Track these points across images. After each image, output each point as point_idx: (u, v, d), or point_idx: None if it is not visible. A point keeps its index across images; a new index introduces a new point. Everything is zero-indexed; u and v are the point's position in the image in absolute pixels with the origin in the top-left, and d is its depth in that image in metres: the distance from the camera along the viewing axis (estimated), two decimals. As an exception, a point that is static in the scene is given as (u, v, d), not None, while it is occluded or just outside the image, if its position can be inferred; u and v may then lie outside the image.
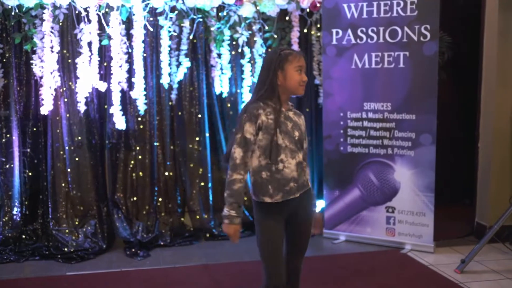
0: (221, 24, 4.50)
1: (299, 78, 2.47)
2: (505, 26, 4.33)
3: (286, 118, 2.47)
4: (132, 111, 4.43)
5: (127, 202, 4.49)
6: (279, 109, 2.44)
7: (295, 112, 2.55)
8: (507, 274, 3.77)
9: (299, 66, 2.47)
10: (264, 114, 2.42)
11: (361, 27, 4.31)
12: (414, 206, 4.26)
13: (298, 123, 2.51)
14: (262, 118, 2.41)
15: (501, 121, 4.41)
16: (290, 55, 2.48)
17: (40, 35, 4.09)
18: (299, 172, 2.46)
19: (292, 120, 2.49)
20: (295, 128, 2.48)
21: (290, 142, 2.44)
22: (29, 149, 4.30)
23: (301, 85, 2.49)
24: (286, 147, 2.42)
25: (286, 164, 2.42)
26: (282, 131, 2.43)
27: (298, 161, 2.45)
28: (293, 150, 2.44)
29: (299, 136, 2.48)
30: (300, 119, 2.55)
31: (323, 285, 3.59)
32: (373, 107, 4.36)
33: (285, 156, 2.42)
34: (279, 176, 2.41)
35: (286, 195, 2.44)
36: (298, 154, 2.47)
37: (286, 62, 2.46)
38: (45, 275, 3.80)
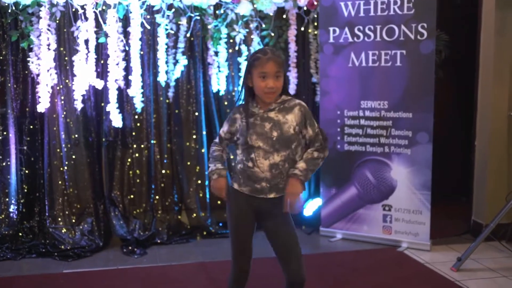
0: (218, 22, 4.49)
1: (262, 85, 2.40)
2: (502, 25, 4.33)
3: (264, 119, 2.46)
4: (129, 109, 4.42)
5: (124, 200, 4.49)
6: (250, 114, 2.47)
7: (281, 110, 2.47)
8: (503, 272, 3.78)
9: (262, 73, 2.39)
10: (241, 118, 2.51)
11: (358, 26, 4.31)
12: (411, 204, 4.27)
13: (281, 122, 2.44)
14: (238, 122, 2.52)
15: (498, 119, 4.41)
16: (256, 60, 2.42)
17: (37, 32, 4.08)
18: (273, 173, 2.44)
19: (273, 120, 2.45)
20: (274, 128, 2.44)
21: (265, 143, 2.43)
22: (26, 147, 4.29)
23: (266, 92, 2.41)
24: (259, 148, 2.44)
25: (257, 164, 2.45)
26: (255, 132, 2.45)
27: (272, 163, 2.43)
28: (267, 151, 2.43)
29: (278, 136, 2.43)
30: (289, 115, 2.46)
31: (320, 282, 3.59)
32: (370, 106, 4.36)
33: (256, 156, 2.45)
34: (249, 172, 2.48)
35: (254, 192, 2.49)
36: (274, 155, 2.43)
37: (252, 67, 2.44)
38: (41, 273, 3.80)
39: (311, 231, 4.71)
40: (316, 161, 2.52)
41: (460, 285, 3.54)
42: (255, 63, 2.42)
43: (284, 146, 2.44)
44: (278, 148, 2.44)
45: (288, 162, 2.46)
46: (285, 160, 2.45)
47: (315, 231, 4.69)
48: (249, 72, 2.46)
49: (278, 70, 2.41)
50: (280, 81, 2.44)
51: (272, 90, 2.41)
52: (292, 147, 2.47)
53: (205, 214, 4.67)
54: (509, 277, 3.69)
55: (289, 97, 2.53)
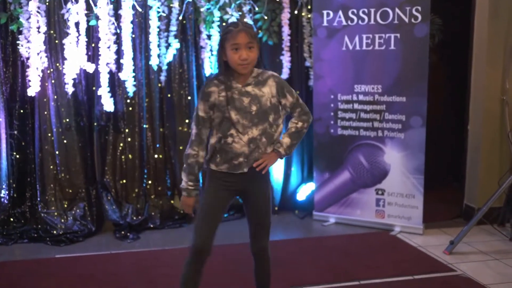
0: (211, 5, 4.44)
1: (236, 57, 2.38)
2: (496, 8, 4.31)
3: (242, 93, 2.43)
4: (120, 93, 4.37)
5: (116, 184, 4.46)
6: (228, 87, 2.42)
7: (257, 83, 2.46)
8: (495, 255, 3.80)
9: (235, 44, 2.37)
10: (217, 92, 2.44)
11: (352, 9, 4.28)
12: (404, 188, 4.28)
13: (259, 95, 2.44)
14: (214, 96, 2.44)
15: (491, 103, 4.41)
16: (228, 33, 2.40)
17: (26, 15, 4.01)
18: (251, 148, 2.44)
19: (251, 95, 2.44)
20: (253, 102, 2.43)
21: (244, 118, 2.42)
22: (16, 131, 4.23)
23: (239, 64, 2.38)
24: (238, 122, 2.42)
25: (236, 139, 2.43)
26: (234, 107, 2.41)
27: (251, 137, 2.43)
28: (246, 126, 2.42)
29: (257, 110, 2.43)
30: (264, 88, 2.46)
31: (313, 266, 3.60)
32: (363, 90, 4.35)
33: (235, 132, 2.42)
34: (228, 149, 2.44)
35: (232, 168, 2.46)
36: (253, 129, 2.43)
37: (225, 40, 2.41)
38: (34, 258, 3.78)
39: (304, 215, 4.72)
40: (300, 132, 2.60)
41: (453, 268, 3.56)
42: (227, 36, 2.39)
43: (262, 119, 2.44)
44: (257, 122, 2.43)
45: (265, 135, 2.46)
46: (262, 133, 2.45)
47: (308, 215, 4.70)
48: (222, 47, 2.43)
49: (250, 41, 2.39)
50: (254, 52, 2.41)
51: (245, 62, 2.39)
52: (270, 120, 2.47)
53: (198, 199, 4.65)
54: (501, 260, 3.72)
55: (261, 70, 2.51)
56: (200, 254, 2.53)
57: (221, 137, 2.45)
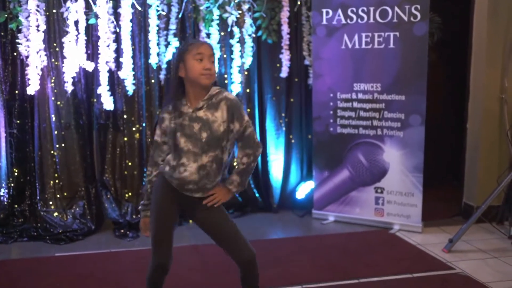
0: (210, 3, 4.44)
1: (199, 67, 2.30)
2: (495, 7, 4.32)
3: (193, 120, 2.34)
4: (120, 91, 4.37)
5: (116, 183, 4.47)
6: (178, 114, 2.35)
7: (209, 106, 2.35)
8: (493, 253, 3.81)
9: (198, 54, 2.31)
10: (169, 118, 2.38)
11: (352, 7, 4.28)
12: (403, 186, 4.29)
13: (210, 121, 2.33)
14: (166, 123, 2.39)
15: (490, 102, 4.42)
16: (190, 45, 2.35)
17: (25, 13, 4.01)
18: (200, 175, 2.35)
19: (202, 120, 2.33)
20: (204, 128, 2.33)
21: (194, 146, 2.33)
22: (16, 130, 4.24)
23: (203, 74, 2.30)
24: (189, 151, 2.34)
25: (187, 168, 2.35)
26: (185, 134, 2.34)
27: (200, 165, 2.34)
28: (196, 154, 2.33)
29: (207, 136, 2.32)
30: (217, 112, 2.34)
31: (312, 264, 3.61)
32: (363, 88, 4.35)
33: (186, 160, 2.34)
34: (179, 177, 2.36)
35: (181, 188, 2.39)
36: (203, 157, 2.34)
37: (185, 52, 2.34)
38: (33, 256, 3.79)
39: (303, 213, 4.72)
40: (248, 168, 2.46)
41: (452, 266, 3.57)
42: (189, 48, 2.34)
43: (213, 147, 2.35)
44: (207, 149, 2.34)
45: (216, 162, 2.37)
46: (213, 160, 2.36)
47: (308, 213, 4.71)
48: (182, 60, 2.35)
49: (212, 54, 2.36)
50: (214, 67, 2.36)
51: (209, 72, 2.32)
52: (222, 145, 2.37)
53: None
54: (499, 258, 3.72)
55: (217, 89, 2.40)
56: (164, 270, 2.52)
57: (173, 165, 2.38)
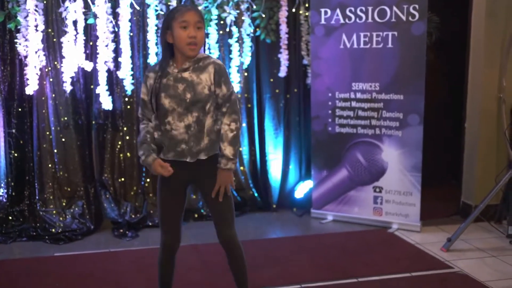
0: (209, 3, 4.44)
1: (184, 35, 2.29)
2: (493, 7, 4.33)
3: (177, 80, 2.37)
4: (119, 91, 4.38)
5: (115, 183, 4.47)
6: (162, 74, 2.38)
7: (196, 69, 2.37)
8: (492, 252, 3.82)
9: (184, 21, 2.29)
10: (154, 78, 2.40)
11: (350, 7, 4.29)
12: (401, 186, 4.30)
13: (195, 82, 2.35)
14: (150, 82, 2.42)
15: (488, 101, 4.43)
16: (177, 12, 2.33)
17: (24, 13, 4.00)
18: (189, 135, 2.38)
19: (186, 81, 2.36)
20: (188, 89, 2.35)
21: (179, 105, 2.36)
22: (15, 130, 4.23)
23: (188, 43, 2.30)
24: (174, 110, 2.37)
25: (173, 127, 2.39)
26: (169, 94, 2.37)
27: (187, 124, 2.37)
28: (181, 113, 2.36)
29: (192, 97, 2.35)
30: (204, 74, 2.36)
31: (311, 264, 3.62)
32: (361, 87, 4.36)
33: (172, 119, 2.38)
34: (168, 136, 2.41)
35: (177, 156, 2.42)
36: (188, 116, 2.36)
37: (172, 19, 2.33)
38: (32, 256, 3.79)
39: (302, 213, 4.73)
40: (237, 135, 2.42)
41: (450, 265, 3.58)
42: (175, 15, 2.32)
43: (198, 108, 2.37)
44: (192, 109, 2.37)
45: (197, 123, 2.39)
46: (196, 121, 2.38)
47: (306, 213, 4.72)
48: (169, 27, 2.34)
49: (199, 20, 2.34)
50: (202, 33, 2.35)
51: (194, 40, 2.31)
52: (206, 109, 2.39)
53: (197, 197, 4.66)
54: (497, 257, 3.74)
55: (205, 54, 2.43)
56: (171, 249, 2.60)
57: (159, 124, 2.42)
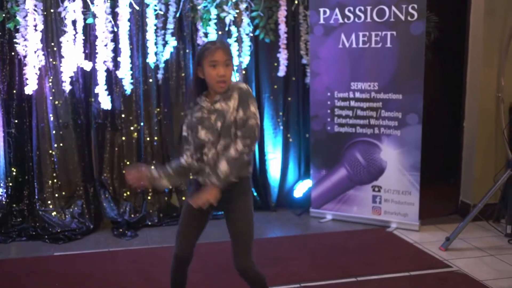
0: (208, 2, 4.44)
1: (214, 73, 2.38)
2: (491, 6, 4.34)
3: (211, 112, 2.44)
4: (118, 90, 4.38)
5: (114, 182, 4.48)
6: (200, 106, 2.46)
7: (224, 99, 2.43)
8: (490, 251, 3.84)
9: (213, 61, 2.38)
10: (190, 113, 2.50)
11: (349, 6, 4.29)
12: (400, 185, 4.31)
13: (224, 111, 2.41)
14: (188, 118, 2.51)
15: (486, 100, 4.44)
16: (206, 50, 2.41)
17: (23, 13, 4.01)
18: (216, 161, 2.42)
19: (218, 111, 2.42)
20: (219, 118, 2.42)
21: (212, 135, 2.43)
22: (14, 130, 4.24)
23: (217, 80, 2.39)
24: (209, 141, 2.43)
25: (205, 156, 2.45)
26: (205, 126, 2.44)
27: (213, 152, 2.43)
28: (213, 142, 2.43)
29: (222, 124, 2.41)
30: (231, 101, 2.42)
31: (310, 263, 3.63)
32: (360, 87, 4.37)
33: (207, 150, 2.44)
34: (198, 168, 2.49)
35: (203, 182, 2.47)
36: (217, 145, 2.42)
37: (202, 57, 2.42)
38: (32, 256, 3.79)
39: (301, 212, 4.74)
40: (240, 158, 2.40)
41: (449, 264, 3.60)
42: (205, 53, 2.41)
43: (226, 134, 2.42)
44: (223, 135, 2.42)
45: (225, 149, 2.42)
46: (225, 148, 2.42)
47: (305, 212, 4.72)
48: (200, 64, 2.43)
49: (228, 58, 2.41)
50: (230, 70, 2.42)
51: (223, 78, 2.39)
52: (231, 133, 2.42)
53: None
54: (496, 256, 3.75)
55: (233, 82, 2.48)
56: (181, 262, 2.63)
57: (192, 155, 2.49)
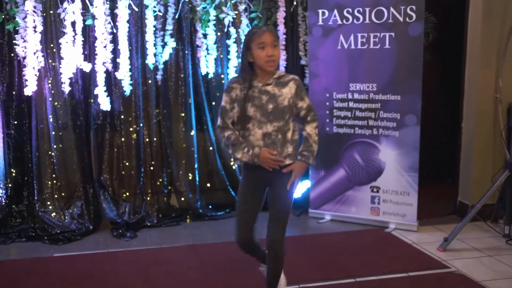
0: (207, 4, 4.45)
1: (263, 54, 2.59)
2: (489, 7, 4.35)
3: (262, 92, 2.65)
4: (117, 92, 4.39)
5: (113, 183, 4.49)
6: (249, 86, 2.64)
7: (277, 84, 2.66)
8: (488, 252, 3.85)
9: (261, 43, 2.59)
10: (240, 88, 2.67)
11: (347, 8, 4.30)
12: (399, 185, 4.32)
13: (277, 95, 2.64)
14: (236, 92, 2.68)
15: (484, 101, 4.45)
16: (254, 34, 2.63)
17: (22, 14, 4.01)
18: (266, 142, 2.65)
19: (269, 93, 2.65)
20: (270, 100, 2.64)
21: (262, 115, 2.64)
22: (13, 131, 4.25)
23: (267, 61, 2.60)
24: (255, 118, 2.64)
25: (252, 133, 2.66)
26: (254, 104, 2.64)
27: (265, 132, 2.65)
28: (261, 121, 2.64)
29: (273, 108, 2.63)
30: (285, 88, 2.66)
31: (309, 264, 3.64)
32: (358, 88, 4.38)
33: (252, 126, 2.65)
34: (246, 141, 2.67)
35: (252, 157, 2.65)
36: (267, 125, 2.64)
37: (250, 41, 2.63)
38: (32, 257, 3.80)
39: (300, 212, 4.75)
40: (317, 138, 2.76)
41: (447, 265, 3.61)
42: (253, 37, 2.62)
43: (278, 117, 2.64)
44: (272, 119, 2.64)
45: (280, 132, 2.66)
46: (278, 130, 2.65)
47: (304, 212, 4.74)
48: (248, 48, 2.63)
49: (275, 39, 2.62)
50: (278, 50, 2.64)
51: (272, 58, 2.60)
52: (286, 118, 2.66)
53: (195, 196, 4.68)
54: (494, 257, 3.77)
55: (283, 72, 2.75)
56: (242, 247, 2.82)
57: (239, 130, 2.68)
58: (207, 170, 4.80)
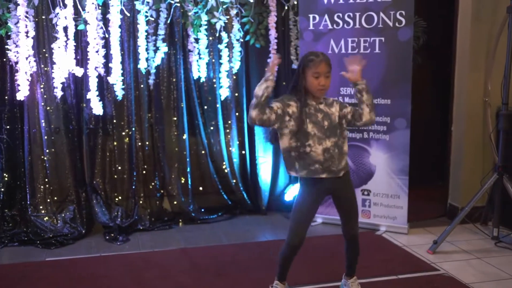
0: (199, 8, 4.48)
1: (316, 83, 2.80)
2: (479, 11, 4.39)
3: (317, 110, 2.86)
4: (109, 96, 4.41)
5: (106, 187, 4.50)
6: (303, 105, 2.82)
7: (327, 103, 2.90)
8: (477, 254, 3.90)
9: (316, 73, 2.78)
10: (295, 106, 2.83)
11: (338, 13, 4.34)
12: (389, 189, 4.36)
13: (329, 113, 2.87)
14: (292, 109, 2.82)
15: (474, 105, 4.50)
16: (311, 62, 2.80)
17: (14, 19, 4.02)
18: (325, 157, 2.83)
19: (323, 112, 2.87)
20: (326, 118, 2.86)
21: (319, 131, 2.83)
22: (6, 135, 4.26)
23: (318, 89, 2.81)
24: (315, 135, 2.83)
25: (313, 149, 2.83)
26: (312, 121, 2.83)
27: (325, 147, 2.83)
28: (320, 138, 2.84)
29: (328, 125, 2.86)
30: (333, 107, 2.90)
31: (301, 266, 3.66)
32: (349, 92, 4.42)
33: (312, 142, 2.83)
34: (305, 157, 2.84)
35: (310, 173, 2.86)
36: (326, 141, 2.84)
37: (306, 68, 2.82)
38: (24, 261, 3.81)
39: (292, 215, 4.77)
40: None
41: (436, 267, 3.65)
42: (309, 64, 2.81)
43: (333, 133, 2.87)
44: (329, 135, 2.85)
45: (337, 147, 2.87)
46: (335, 145, 2.86)
47: (296, 215, 4.75)
48: (303, 72, 2.82)
49: (328, 70, 2.83)
50: (329, 80, 2.84)
51: (324, 88, 2.82)
52: (338, 133, 2.88)
53: (187, 200, 4.71)
54: (482, 259, 3.81)
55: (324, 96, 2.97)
56: (296, 249, 3.00)
57: (299, 146, 2.84)
58: (199, 174, 4.82)
